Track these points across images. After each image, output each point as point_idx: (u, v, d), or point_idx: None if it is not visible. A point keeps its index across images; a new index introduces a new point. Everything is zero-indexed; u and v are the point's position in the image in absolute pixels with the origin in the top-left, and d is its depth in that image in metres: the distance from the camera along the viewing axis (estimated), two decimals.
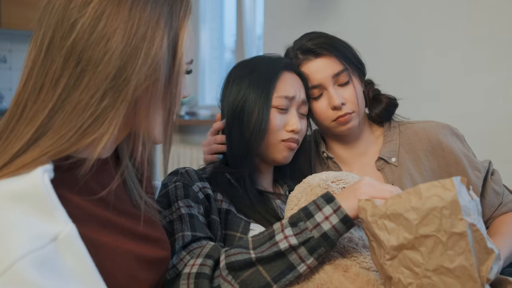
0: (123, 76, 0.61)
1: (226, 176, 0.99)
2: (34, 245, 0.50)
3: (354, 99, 1.07)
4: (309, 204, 0.78)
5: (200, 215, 0.88)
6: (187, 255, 0.80)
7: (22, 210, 0.52)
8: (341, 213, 0.74)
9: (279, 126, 1.00)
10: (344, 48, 1.10)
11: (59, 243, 0.52)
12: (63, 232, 0.53)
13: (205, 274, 0.75)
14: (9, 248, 0.49)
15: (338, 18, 2.10)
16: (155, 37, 0.63)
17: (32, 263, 0.49)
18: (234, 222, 0.92)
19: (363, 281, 0.75)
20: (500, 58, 1.52)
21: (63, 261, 0.52)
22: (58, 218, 0.54)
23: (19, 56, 3.44)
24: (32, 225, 0.52)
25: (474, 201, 0.67)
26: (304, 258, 0.74)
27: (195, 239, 0.83)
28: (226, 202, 0.95)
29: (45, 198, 0.54)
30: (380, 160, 1.12)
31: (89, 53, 0.60)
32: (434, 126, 1.12)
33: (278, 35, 2.43)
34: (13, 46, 3.41)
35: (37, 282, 0.49)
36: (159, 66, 0.64)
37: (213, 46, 3.47)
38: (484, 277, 0.63)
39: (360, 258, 0.80)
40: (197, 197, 0.91)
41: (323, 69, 1.06)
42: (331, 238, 0.74)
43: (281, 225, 0.78)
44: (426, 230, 0.63)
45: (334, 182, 0.90)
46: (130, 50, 0.61)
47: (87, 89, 0.60)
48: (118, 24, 0.61)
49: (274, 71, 1.01)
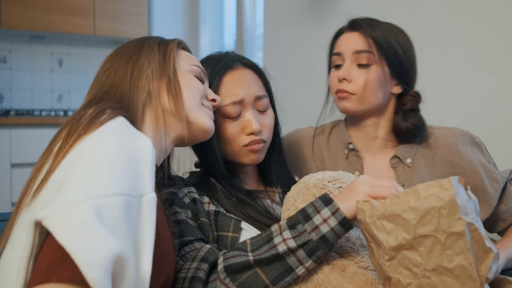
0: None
1: (211, 180, 0.99)
2: (131, 191, 0.58)
3: (363, 85, 1.07)
4: (307, 206, 0.77)
5: (188, 219, 0.88)
6: (180, 261, 0.80)
7: (134, 161, 0.61)
8: (339, 215, 0.73)
9: (235, 134, 0.95)
10: (387, 41, 1.08)
11: (143, 202, 0.59)
12: (148, 195, 0.60)
13: (199, 278, 0.75)
14: (115, 181, 0.57)
15: (338, 18, 2.09)
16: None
17: (125, 203, 0.56)
18: (224, 222, 0.91)
19: (361, 281, 0.75)
20: (502, 58, 1.52)
21: (139, 217, 0.59)
22: (150, 183, 0.62)
23: (19, 56, 3.44)
24: (135, 176, 0.60)
25: (472, 200, 0.67)
26: (303, 260, 0.74)
27: (183, 243, 0.83)
28: (214, 204, 0.94)
29: (150, 163, 0.63)
30: (395, 158, 1.11)
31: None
32: (455, 134, 1.10)
33: (278, 35, 2.44)
34: (13, 46, 3.42)
35: (122, 219, 0.54)
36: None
37: (213, 46, 3.47)
38: (483, 277, 0.62)
39: (358, 258, 0.80)
40: (183, 202, 0.91)
41: (350, 42, 1.10)
42: (330, 240, 0.74)
43: (279, 227, 0.77)
44: (424, 230, 0.63)
45: (330, 181, 0.90)
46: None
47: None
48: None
49: (213, 76, 0.94)
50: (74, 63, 3.61)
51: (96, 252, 0.48)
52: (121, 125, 0.67)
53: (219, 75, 0.95)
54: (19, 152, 2.86)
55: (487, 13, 1.56)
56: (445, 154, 1.09)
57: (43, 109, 3.41)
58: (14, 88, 3.43)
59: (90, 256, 0.47)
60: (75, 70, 3.61)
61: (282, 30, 2.40)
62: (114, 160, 0.59)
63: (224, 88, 0.95)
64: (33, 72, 3.49)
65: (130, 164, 0.60)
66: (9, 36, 3.38)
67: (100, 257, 0.48)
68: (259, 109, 0.98)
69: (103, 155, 0.59)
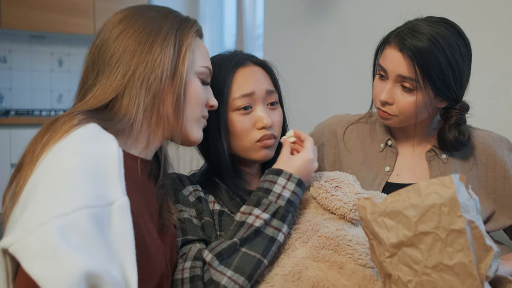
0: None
1: (215, 179, 0.99)
2: (96, 202, 0.56)
3: (406, 109, 1.03)
4: (260, 183, 0.86)
5: (192, 218, 0.89)
6: (180, 259, 0.83)
7: (95, 169, 0.59)
8: (294, 178, 0.85)
9: (246, 127, 0.96)
10: (434, 62, 1.00)
11: (114, 209, 0.58)
12: (119, 201, 0.59)
13: (198, 276, 0.78)
14: (76, 196, 0.55)
15: (338, 18, 2.10)
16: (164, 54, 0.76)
17: (91, 216, 0.54)
18: (228, 222, 0.92)
19: (359, 277, 0.75)
20: (503, 58, 1.52)
21: (112, 225, 0.58)
22: (119, 187, 0.60)
23: (19, 56, 3.44)
24: (99, 184, 0.58)
25: (473, 199, 0.67)
26: (279, 227, 0.82)
27: (185, 242, 0.85)
28: (219, 204, 0.95)
29: (116, 167, 0.61)
30: (431, 152, 1.11)
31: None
32: (493, 137, 1.10)
33: (278, 35, 2.44)
34: (13, 46, 3.42)
35: (91, 233, 0.54)
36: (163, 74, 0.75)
37: (213, 46, 3.47)
38: (483, 274, 0.63)
39: (356, 255, 0.80)
40: (188, 201, 0.91)
41: (395, 63, 1.02)
42: (294, 202, 0.84)
43: (242, 213, 0.83)
44: (425, 227, 0.63)
45: (327, 181, 0.91)
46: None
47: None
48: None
49: (226, 73, 0.96)
50: (74, 63, 3.61)
51: (63, 276, 0.49)
52: (88, 133, 0.64)
53: (232, 72, 0.96)
54: (19, 152, 2.84)
55: (487, 12, 1.56)
56: (481, 155, 1.09)
57: (43, 109, 3.41)
58: (14, 88, 3.44)
59: (57, 282, 0.48)
60: (75, 70, 3.61)
61: (282, 30, 2.40)
62: (75, 173, 0.57)
63: (236, 83, 0.96)
64: (33, 72, 3.49)
65: (94, 173, 0.58)
66: (9, 36, 3.38)
67: (68, 281, 0.48)
68: (269, 103, 0.99)
69: (63, 170, 0.57)
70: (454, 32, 1.03)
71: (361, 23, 1.98)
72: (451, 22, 1.05)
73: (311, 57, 2.24)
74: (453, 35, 1.02)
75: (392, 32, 1.07)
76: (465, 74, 1.06)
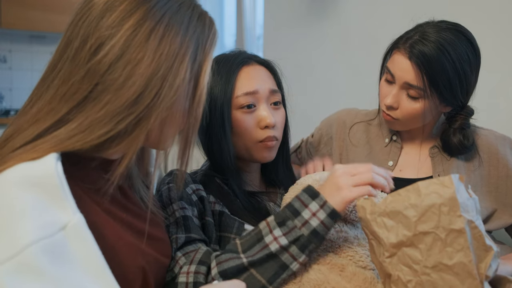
0: (144, 103, 0.61)
1: (216, 180, 0.98)
2: (44, 232, 0.51)
3: (410, 115, 1.05)
4: (293, 201, 0.77)
5: (194, 217, 0.88)
6: (183, 257, 0.80)
7: (34, 197, 0.53)
8: (328, 208, 0.74)
9: (250, 126, 0.95)
10: (442, 72, 0.99)
11: (68, 232, 0.54)
12: (72, 221, 0.54)
13: (200, 283, 0.76)
14: (20, 234, 0.50)
15: (338, 18, 2.10)
16: (180, 69, 0.64)
17: (42, 250, 0.50)
18: (228, 223, 0.91)
19: (359, 280, 0.75)
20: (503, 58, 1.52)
21: (71, 249, 0.53)
22: (68, 207, 0.55)
23: (19, 56, 3.44)
24: (43, 212, 0.53)
25: (473, 199, 0.67)
26: (296, 256, 0.74)
27: (189, 240, 0.84)
28: (219, 204, 0.94)
29: (57, 186, 0.55)
30: (435, 148, 1.12)
31: (114, 75, 0.60)
32: (496, 136, 1.11)
33: (278, 35, 2.44)
34: (13, 46, 3.42)
35: (46, 269, 0.50)
36: (180, 97, 0.65)
37: None
38: (483, 274, 0.63)
39: (356, 257, 0.80)
40: (191, 199, 0.91)
41: (403, 70, 1.02)
42: (321, 233, 0.74)
43: (267, 225, 0.77)
44: (425, 227, 0.63)
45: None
46: (155, 79, 0.62)
47: (105, 109, 0.60)
48: (147, 52, 0.62)
49: (230, 71, 0.96)
50: None
51: None
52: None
53: (236, 70, 0.96)
54: None
55: (487, 12, 1.56)
56: (484, 154, 1.09)
57: None
58: (14, 88, 3.43)
59: None
60: None
61: (282, 30, 2.40)
62: (16, 209, 0.52)
63: (240, 81, 0.95)
64: (33, 72, 3.49)
65: (37, 199, 0.53)
66: (9, 36, 3.38)
67: None
68: (273, 103, 0.98)
69: (2, 209, 0.52)
70: (464, 41, 1.02)
71: (361, 23, 1.98)
72: (463, 29, 1.04)
73: (311, 57, 2.24)
74: (463, 44, 1.01)
75: (402, 37, 1.06)
76: (472, 83, 1.06)
